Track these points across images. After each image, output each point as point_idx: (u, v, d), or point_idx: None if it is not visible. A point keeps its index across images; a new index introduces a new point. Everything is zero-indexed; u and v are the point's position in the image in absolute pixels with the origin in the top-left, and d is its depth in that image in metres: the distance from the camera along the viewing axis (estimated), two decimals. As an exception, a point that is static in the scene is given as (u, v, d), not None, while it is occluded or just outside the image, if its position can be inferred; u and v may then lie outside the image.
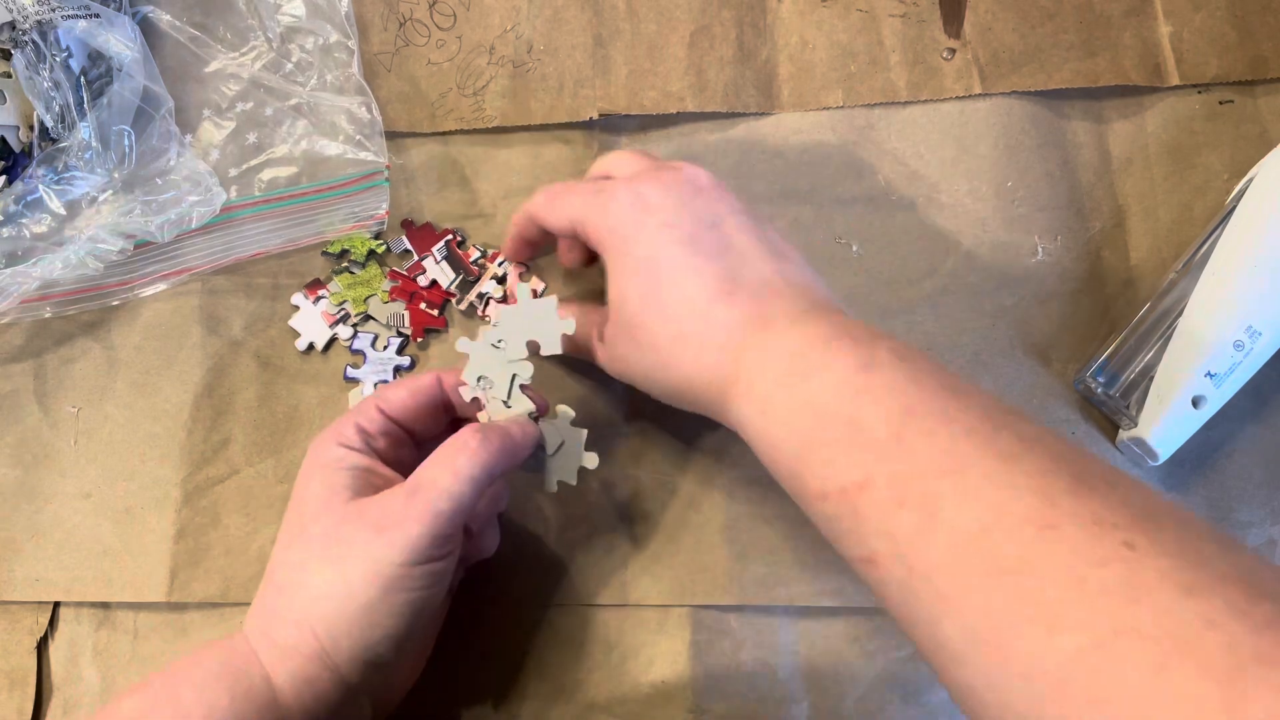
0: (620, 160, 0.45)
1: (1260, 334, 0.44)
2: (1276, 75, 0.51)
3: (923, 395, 0.33)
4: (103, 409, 0.51)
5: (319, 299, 0.52)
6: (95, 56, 0.50)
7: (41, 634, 0.49)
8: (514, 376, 0.43)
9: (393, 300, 0.52)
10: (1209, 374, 0.44)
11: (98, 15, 0.49)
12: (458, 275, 0.52)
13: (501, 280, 0.52)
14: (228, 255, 0.52)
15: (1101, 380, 0.46)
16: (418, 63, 0.54)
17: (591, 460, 0.44)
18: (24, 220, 0.49)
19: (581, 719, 0.46)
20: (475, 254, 0.52)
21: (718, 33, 0.53)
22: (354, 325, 0.51)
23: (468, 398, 0.43)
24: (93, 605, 0.49)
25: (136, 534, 0.49)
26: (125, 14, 0.51)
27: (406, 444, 0.44)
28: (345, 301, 0.51)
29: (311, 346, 0.51)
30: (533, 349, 0.43)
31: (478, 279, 0.52)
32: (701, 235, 0.40)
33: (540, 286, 0.51)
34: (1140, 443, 0.45)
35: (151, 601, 0.48)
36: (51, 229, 0.49)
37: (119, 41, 0.49)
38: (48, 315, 0.51)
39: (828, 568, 0.47)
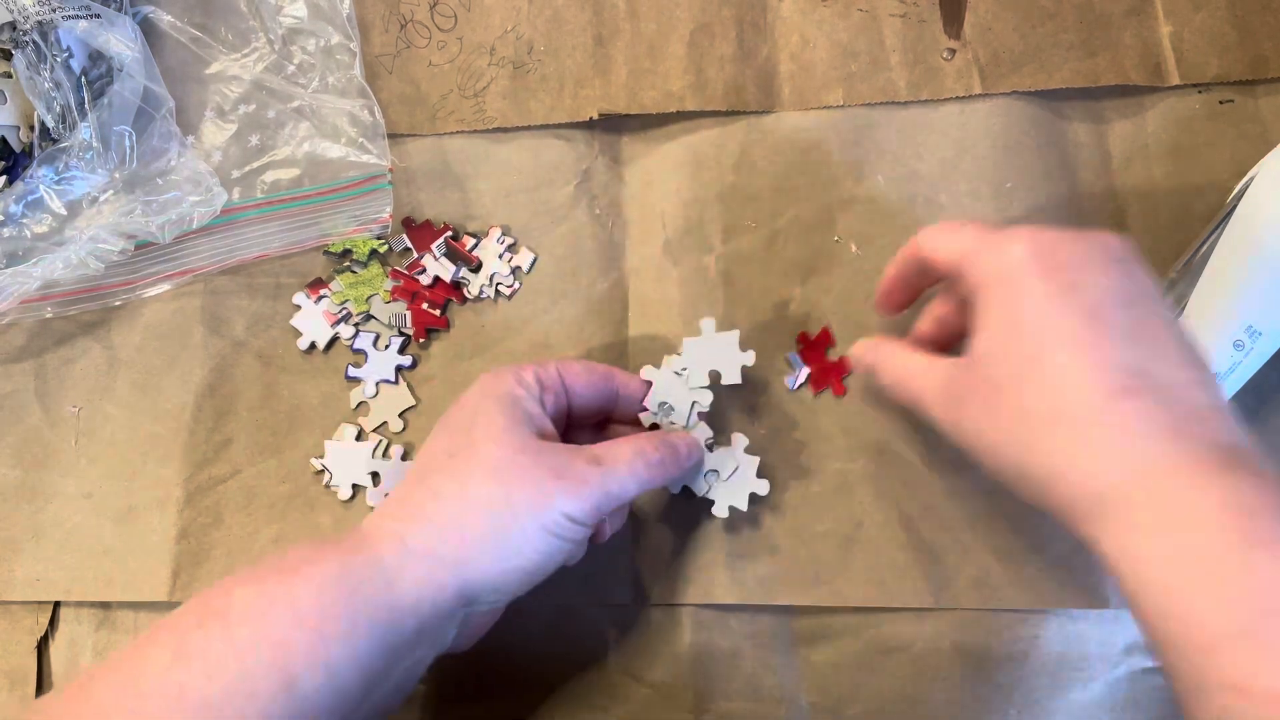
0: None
1: (1260, 334, 0.44)
2: (1277, 75, 0.51)
3: None
4: (104, 409, 0.51)
5: (321, 298, 0.52)
6: (96, 57, 0.50)
7: (42, 634, 0.49)
8: (694, 404, 0.45)
9: (395, 300, 0.52)
10: None
11: (98, 15, 0.49)
12: (458, 267, 0.52)
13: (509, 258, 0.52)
14: (230, 257, 0.52)
15: None
16: (419, 64, 0.54)
17: (763, 487, 0.46)
18: (25, 220, 0.49)
19: (581, 719, 0.46)
20: (471, 242, 0.52)
21: (718, 32, 0.53)
22: (356, 325, 0.51)
23: (648, 423, 0.45)
24: (93, 605, 0.49)
25: (138, 534, 0.49)
26: (126, 14, 0.51)
27: (562, 415, 0.44)
28: (347, 301, 0.51)
29: (313, 346, 0.51)
30: (714, 379, 0.45)
31: (479, 266, 0.52)
32: (1110, 311, 0.34)
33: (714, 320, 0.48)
34: None
35: (154, 602, 0.48)
36: (52, 229, 0.49)
37: (120, 42, 0.49)
38: (49, 315, 0.51)
39: (827, 568, 0.47)
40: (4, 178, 0.49)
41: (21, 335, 0.52)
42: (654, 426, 0.46)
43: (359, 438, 0.50)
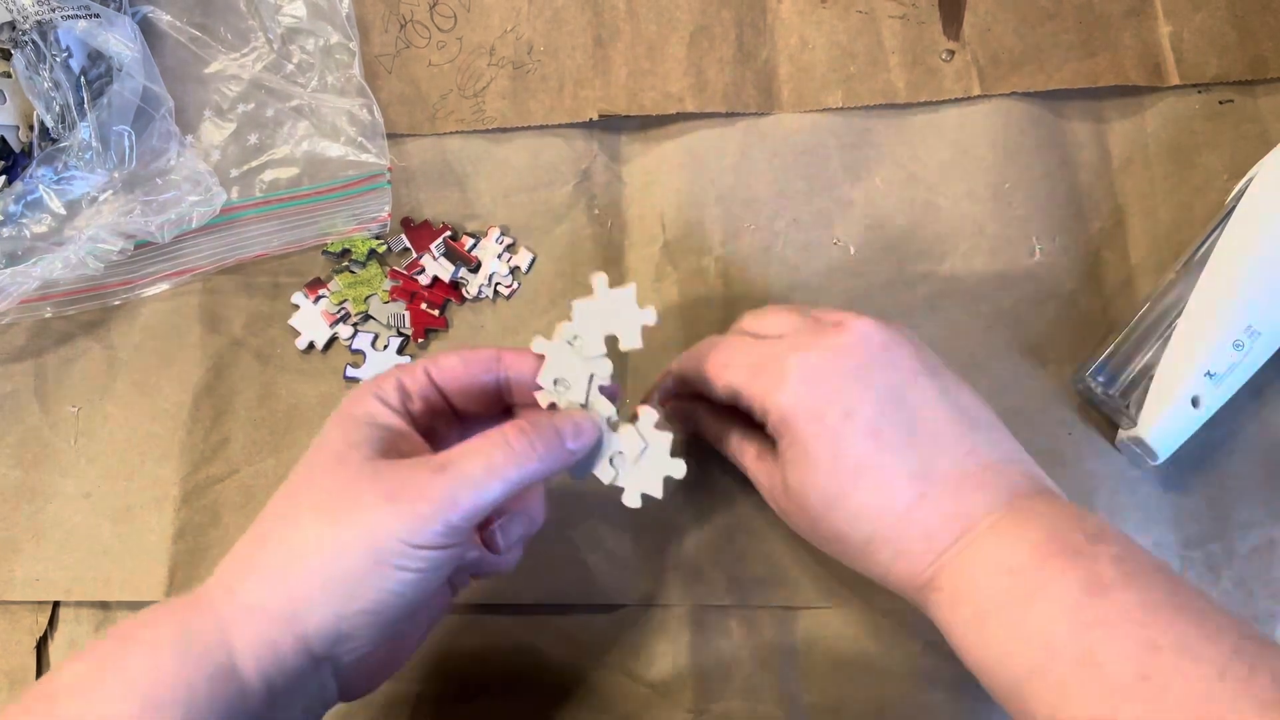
0: (774, 320, 0.42)
1: (1260, 334, 0.44)
2: (1276, 75, 0.51)
3: (1162, 626, 0.31)
4: (103, 409, 0.51)
5: (319, 298, 0.52)
6: (95, 56, 0.50)
7: (41, 634, 0.49)
8: (591, 376, 0.39)
9: (393, 300, 0.52)
10: (1208, 374, 0.44)
11: (98, 15, 0.49)
12: (457, 267, 0.52)
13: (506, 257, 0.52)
14: (229, 256, 0.52)
15: (1101, 380, 0.46)
16: (418, 64, 0.54)
17: (679, 469, 0.40)
18: (24, 220, 0.49)
19: (582, 719, 0.46)
20: (470, 242, 0.52)
21: (718, 33, 0.53)
22: (354, 324, 0.51)
23: (544, 403, 0.39)
24: (92, 605, 0.49)
25: (136, 533, 0.49)
26: (125, 14, 0.51)
27: (446, 417, 0.40)
28: (345, 301, 0.51)
29: (312, 346, 0.51)
30: (611, 345, 0.39)
31: (478, 266, 0.52)
32: (886, 420, 0.37)
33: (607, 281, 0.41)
34: (1139, 442, 0.45)
35: (151, 601, 0.48)
36: (52, 229, 0.49)
37: (119, 41, 0.49)
38: (48, 315, 0.51)
39: (827, 568, 0.47)
40: (3, 177, 0.49)
41: (21, 335, 0.52)
42: (553, 407, 0.39)
43: None
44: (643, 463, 0.40)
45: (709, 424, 0.45)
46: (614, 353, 0.39)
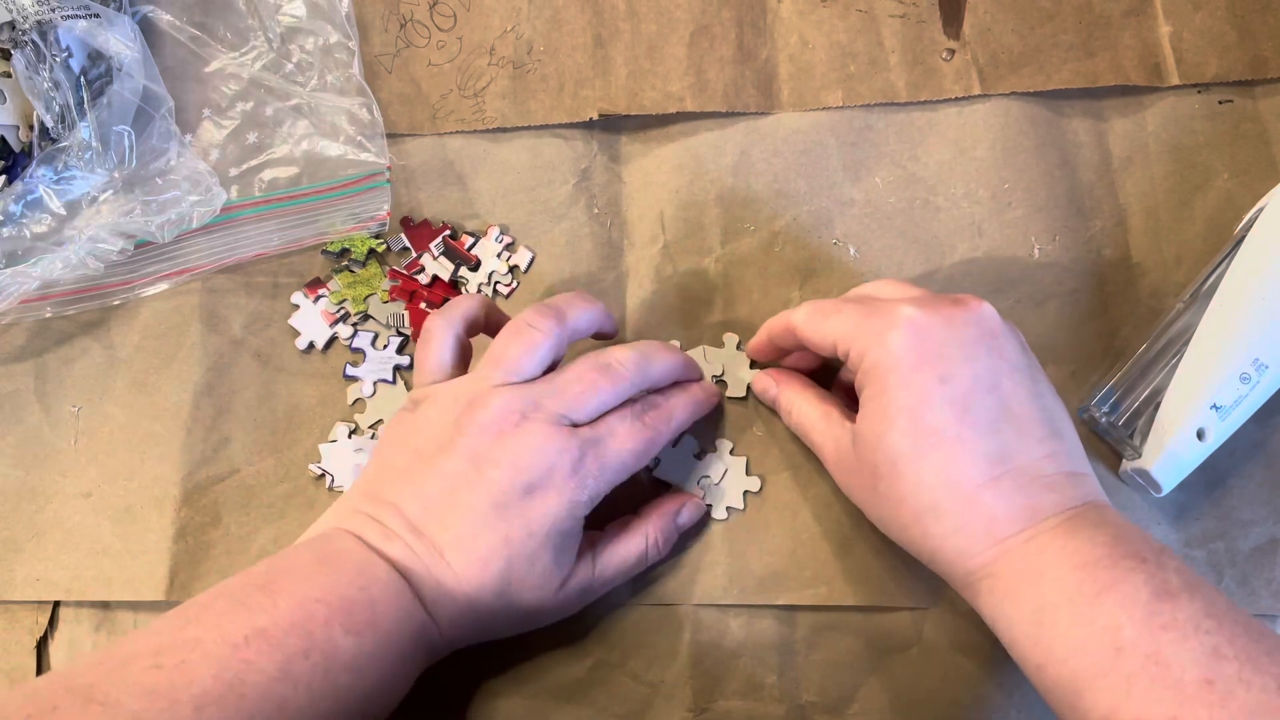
0: (890, 287, 0.43)
1: (1267, 367, 0.43)
2: (1276, 75, 0.51)
3: (1227, 635, 0.32)
4: (103, 408, 0.51)
5: (319, 298, 0.52)
6: (95, 56, 0.50)
7: (41, 634, 0.49)
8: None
9: (393, 300, 0.52)
10: (1214, 406, 0.43)
11: (98, 15, 0.49)
12: (457, 266, 0.52)
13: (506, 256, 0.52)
14: (229, 255, 0.52)
15: (1105, 409, 0.46)
16: (418, 64, 0.54)
17: (754, 484, 0.48)
18: (24, 220, 0.49)
19: (582, 719, 0.46)
20: (469, 241, 0.52)
21: (717, 33, 0.53)
22: (354, 324, 0.51)
23: None
24: (92, 605, 0.49)
25: (136, 533, 0.49)
26: (125, 14, 0.51)
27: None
28: (345, 300, 0.51)
29: (311, 345, 0.51)
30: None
31: (477, 265, 0.52)
32: (978, 400, 0.38)
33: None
34: (1144, 474, 0.45)
35: (151, 601, 0.48)
36: (51, 229, 0.49)
37: (119, 41, 0.49)
38: (48, 315, 0.51)
39: (827, 568, 0.47)
40: (3, 177, 0.49)
41: (21, 335, 0.52)
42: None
43: (352, 435, 0.50)
44: (724, 483, 0.48)
45: (783, 386, 0.46)
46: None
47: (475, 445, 0.41)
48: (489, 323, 0.47)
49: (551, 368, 0.44)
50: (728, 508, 0.47)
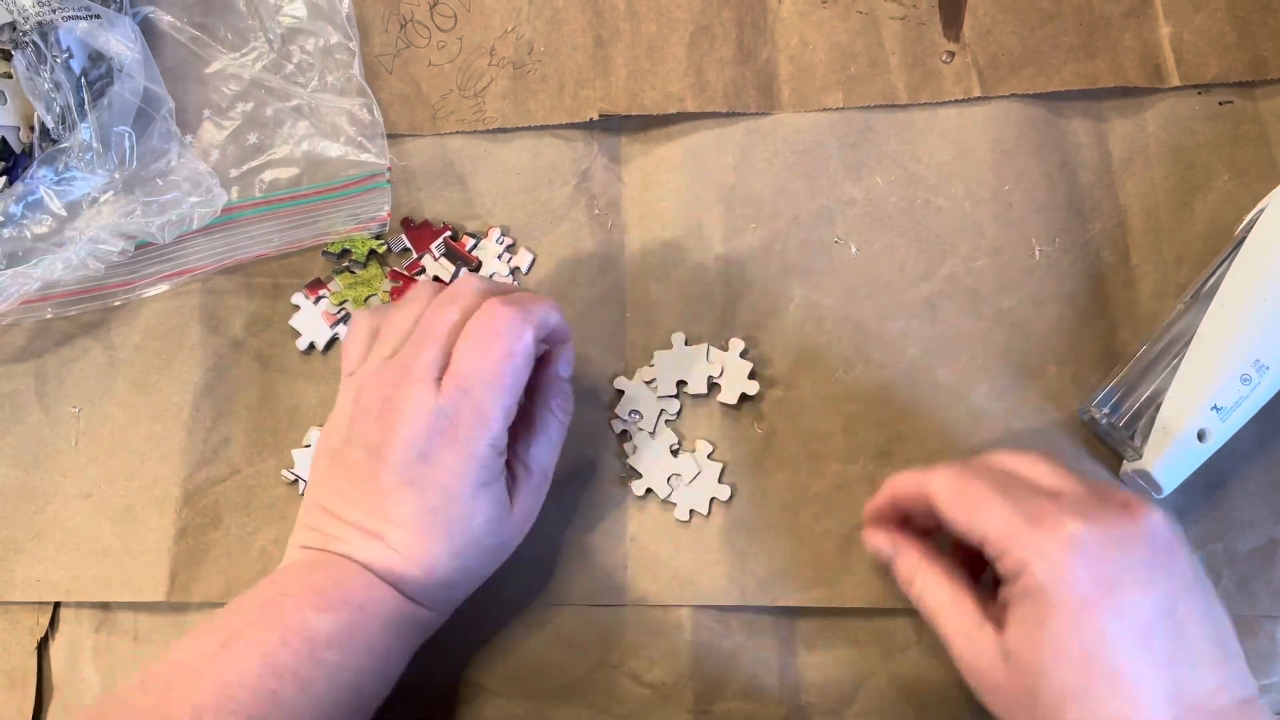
0: (1044, 470, 0.39)
1: (1268, 368, 0.43)
2: (1276, 76, 0.51)
3: None
4: (103, 409, 0.51)
5: (319, 299, 0.52)
6: (96, 57, 0.50)
7: (42, 634, 0.49)
8: (660, 412, 0.49)
9: (393, 301, 0.52)
10: (1215, 407, 0.43)
11: (98, 16, 0.49)
12: (458, 268, 0.52)
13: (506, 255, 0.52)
14: (229, 256, 0.52)
15: (1106, 410, 0.46)
16: (419, 64, 0.54)
17: (724, 493, 0.48)
18: (25, 221, 0.49)
19: (582, 719, 0.46)
20: (470, 242, 0.52)
21: (718, 33, 0.53)
22: (354, 326, 0.51)
23: (617, 429, 0.49)
24: (93, 606, 0.49)
25: (137, 534, 0.49)
26: (126, 15, 0.51)
27: None
28: (346, 301, 0.51)
29: (312, 346, 0.51)
30: (680, 388, 0.49)
31: (478, 266, 0.52)
32: (1157, 631, 0.35)
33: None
34: (1145, 475, 0.44)
35: (152, 602, 0.48)
36: (52, 230, 0.49)
37: (119, 42, 0.49)
38: (49, 316, 0.51)
39: (827, 568, 0.47)
40: (4, 178, 0.49)
41: (22, 336, 0.52)
42: (624, 434, 0.49)
43: None
44: (695, 485, 0.48)
45: (907, 557, 0.42)
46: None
47: (365, 432, 0.41)
48: None
49: None
50: (690, 510, 0.47)
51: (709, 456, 0.48)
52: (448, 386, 0.40)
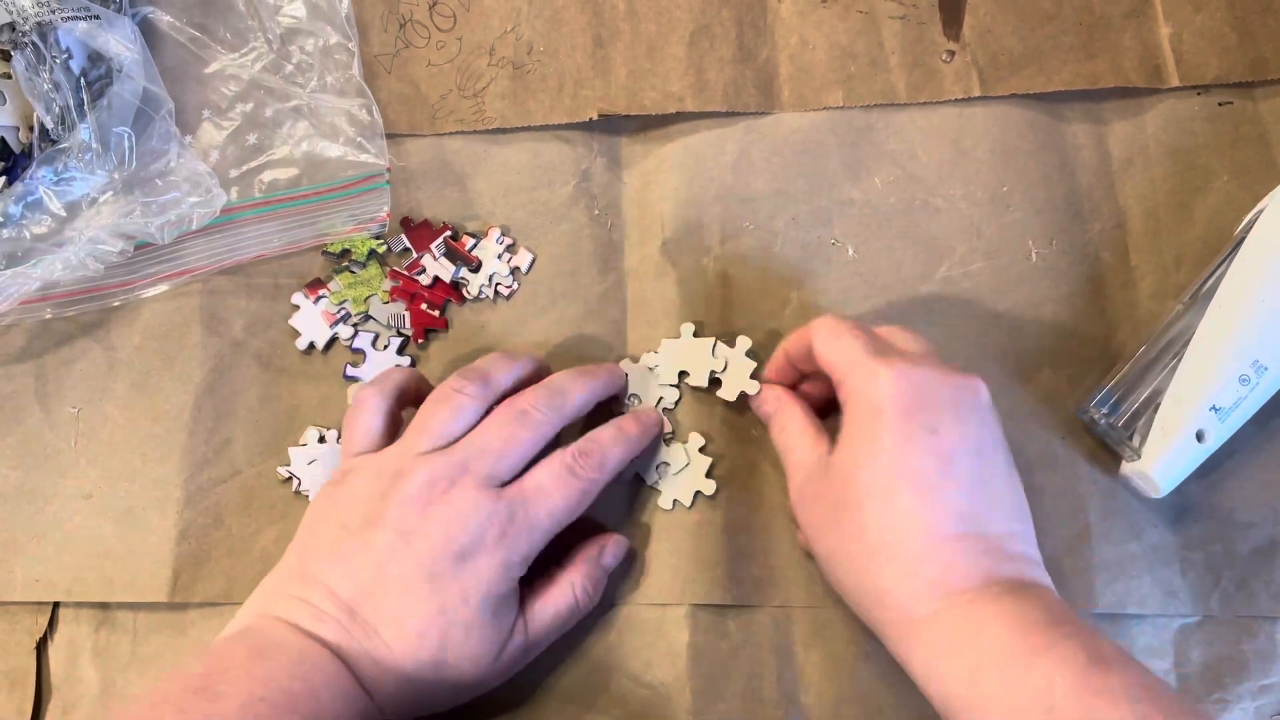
0: (908, 338, 0.43)
1: (1266, 369, 0.44)
2: (1276, 77, 0.51)
3: (1157, 705, 0.33)
4: (103, 409, 0.51)
5: (319, 299, 0.52)
6: (95, 58, 0.50)
7: (41, 634, 0.49)
8: (660, 399, 0.49)
9: (393, 300, 0.52)
10: (1213, 408, 0.44)
11: (98, 17, 0.49)
12: (458, 267, 0.52)
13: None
14: (229, 257, 0.52)
15: (1105, 410, 0.46)
16: (418, 64, 0.54)
17: (709, 487, 0.48)
18: (24, 221, 0.49)
19: (582, 719, 0.46)
20: (470, 242, 0.52)
21: (718, 33, 0.53)
22: (354, 325, 0.51)
23: (617, 411, 0.49)
24: (93, 606, 0.49)
25: (138, 535, 0.49)
26: (125, 15, 0.51)
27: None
28: (345, 301, 0.51)
29: (312, 346, 0.51)
30: (682, 379, 0.49)
31: (478, 266, 0.52)
32: (961, 458, 0.38)
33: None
34: (1143, 476, 0.44)
35: (153, 602, 0.48)
36: (51, 230, 0.49)
37: (119, 43, 0.49)
38: (48, 316, 0.51)
39: (827, 569, 0.47)
40: (3, 179, 0.49)
41: (21, 336, 0.52)
42: (619, 411, 0.49)
43: (322, 440, 0.50)
44: (682, 476, 0.48)
45: (784, 404, 0.46)
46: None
47: (402, 517, 0.40)
48: (420, 394, 0.46)
49: None
50: (674, 500, 0.48)
51: (701, 450, 0.48)
52: (512, 492, 0.41)
